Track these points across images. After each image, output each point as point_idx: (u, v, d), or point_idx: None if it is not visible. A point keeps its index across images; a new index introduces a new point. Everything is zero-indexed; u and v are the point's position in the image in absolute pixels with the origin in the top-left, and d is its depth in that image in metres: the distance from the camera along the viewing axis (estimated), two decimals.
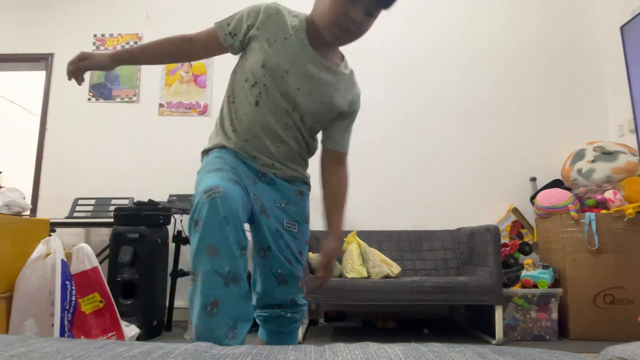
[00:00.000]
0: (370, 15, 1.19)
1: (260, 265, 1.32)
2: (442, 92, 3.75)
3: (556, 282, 2.86)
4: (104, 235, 3.66)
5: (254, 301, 1.36)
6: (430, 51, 3.82)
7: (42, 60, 4.01)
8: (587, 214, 2.82)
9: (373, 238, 3.29)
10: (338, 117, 1.40)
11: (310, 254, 2.90)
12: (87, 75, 3.94)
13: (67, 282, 2.15)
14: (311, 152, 1.46)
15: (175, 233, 3.16)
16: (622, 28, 3.37)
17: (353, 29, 1.20)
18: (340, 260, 3.04)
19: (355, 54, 1.97)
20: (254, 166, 1.30)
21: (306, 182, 1.45)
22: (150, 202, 3.02)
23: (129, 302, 2.74)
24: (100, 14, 4.04)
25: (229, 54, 1.43)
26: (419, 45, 3.83)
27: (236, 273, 1.04)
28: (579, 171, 3.16)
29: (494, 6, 3.85)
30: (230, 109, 1.34)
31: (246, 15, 1.30)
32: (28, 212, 2.44)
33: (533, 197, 3.33)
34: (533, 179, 3.50)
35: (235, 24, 1.32)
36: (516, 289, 2.82)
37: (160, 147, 3.76)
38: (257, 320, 1.38)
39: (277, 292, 1.32)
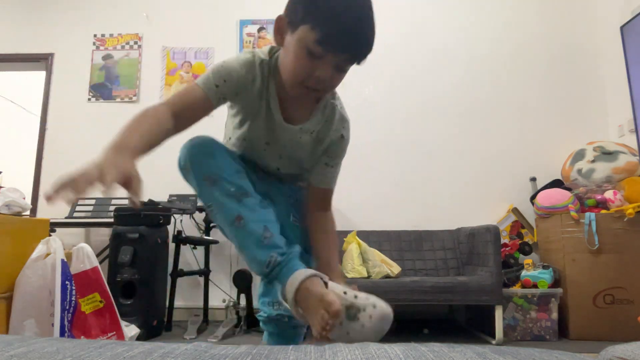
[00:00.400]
0: (341, 70, 1.06)
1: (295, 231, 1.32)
2: (442, 92, 3.75)
3: (556, 282, 2.86)
4: (103, 235, 3.66)
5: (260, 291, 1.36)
6: (430, 51, 3.81)
7: (42, 60, 4.01)
8: (587, 214, 2.82)
9: (373, 238, 3.29)
10: (324, 153, 1.30)
11: None
12: (87, 76, 3.94)
13: (67, 282, 2.15)
14: None
15: (175, 233, 3.16)
16: (622, 28, 3.37)
17: (321, 88, 1.08)
18: (340, 261, 3.04)
19: None
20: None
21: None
22: (150, 202, 3.02)
23: (129, 302, 2.74)
24: (100, 14, 4.04)
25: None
26: (419, 45, 3.83)
27: (243, 189, 1.11)
28: (579, 171, 3.16)
29: (494, 6, 3.85)
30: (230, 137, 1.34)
31: (228, 79, 1.13)
32: (28, 212, 2.44)
33: (533, 197, 3.32)
34: (533, 179, 3.50)
35: (224, 88, 1.13)
36: (516, 289, 2.82)
37: (160, 147, 3.76)
38: (259, 319, 1.38)
39: (290, 230, 1.28)
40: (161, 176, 3.70)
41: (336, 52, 0.99)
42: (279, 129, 1.21)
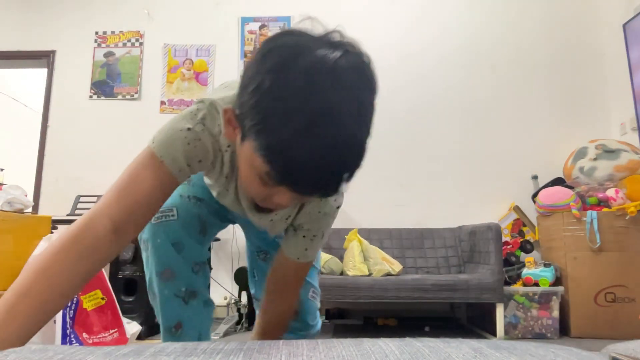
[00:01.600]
0: (303, 195, 0.76)
1: (262, 268, 1.21)
2: (444, 90, 3.74)
3: (557, 280, 2.85)
4: None
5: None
6: (431, 50, 3.80)
7: (43, 58, 4.01)
8: (589, 212, 2.81)
9: (374, 236, 3.28)
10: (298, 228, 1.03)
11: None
12: (89, 73, 3.94)
13: None
14: None
15: None
16: (624, 26, 3.35)
17: (278, 209, 0.85)
18: (341, 258, 3.04)
19: None
20: None
21: None
22: None
23: (130, 299, 2.74)
24: (101, 11, 4.04)
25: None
26: (420, 44, 3.81)
27: (193, 287, 1.04)
28: (581, 169, 3.15)
29: (496, 4, 3.84)
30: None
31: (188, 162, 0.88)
32: (30, 209, 2.45)
33: (535, 195, 3.31)
34: (535, 177, 3.49)
35: (186, 172, 0.90)
36: (517, 287, 2.81)
37: None
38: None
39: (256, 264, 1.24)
40: None
41: (294, 189, 0.70)
42: (249, 213, 0.98)
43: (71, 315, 2.15)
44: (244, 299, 3.18)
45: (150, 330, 2.76)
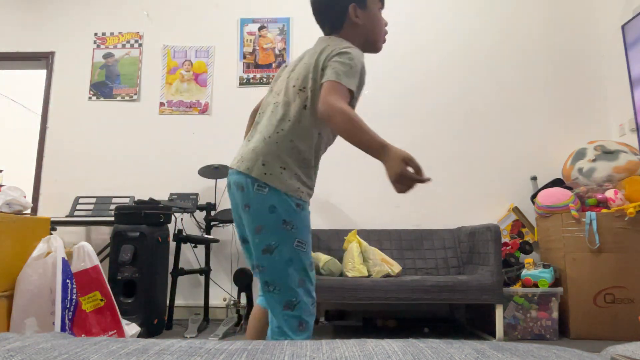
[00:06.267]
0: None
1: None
2: (443, 91, 3.75)
3: (557, 281, 2.86)
4: (104, 233, 3.66)
5: None
6: (431, 52, 3.81)
7: (43, 59, 4.01)
8: (588, 213, 2.82)
9: (373, 237, 3.29)
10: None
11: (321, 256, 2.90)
12: (88, 74, 3.94)
13: (67, 281, 2.15)
14: None
15: (176, 232, 3.16)
16: (623, 27, 3.37)
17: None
18: (341, 260, 3.04)
19: None
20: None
21: None
22: (151, 200, 3.02)
23: (129, 301, 2.74)
24: (101, 12, 4.04)
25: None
26: (421, 46, 3.82)
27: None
28: (580, 170, 3.16)
29: (496, 6, 3.84)
30: (319, 146, 1.41)
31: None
32: (29, 211, 2.44)
33: (534, 196, 3.32)
34: (534, 178, 3.50)
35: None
36: (517, 288, 2.82)
37: (161, 146, 3.77)
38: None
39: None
40: (162, 175, 3.72)
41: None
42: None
43: (70, 317, 2.15)
44: (243, 300, 3.18)
45: (149, 332, 2.76)
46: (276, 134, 1.32)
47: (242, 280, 3.01)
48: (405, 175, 1.21)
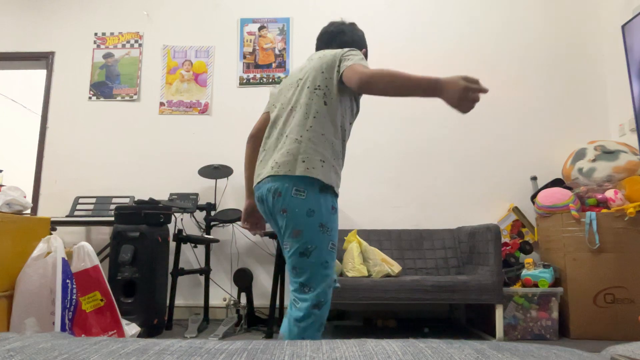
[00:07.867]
0: None
1: None
2: None
3: (557, 281, 2.86)
4: (104, 233, 3.66)
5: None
6: (430, 52, 3.81)
7: (42, 59, 4.01)
8: (588, 213, 2.82)
9: (373, 237, 3.29)
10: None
11: None
12: (88, 74, 3.94)
13: (67, 281, 2.15)
14: None
15: (176, 232, 3.16)
16: (623, 27, 3.36)
17: None
18: (341, 260, 3.04)
19: None
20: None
21: None
22: (151, 200, 3.02)
23: (129, 301, 2.74)
24: (101, 12, 4.04)
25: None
26: (419, 46, 3.82)
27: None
28: (580, 170, 3.16)
29: (496, 6, 3.85)
30: (344, 138, 1.49)
31: None
32: (29, 211, 2.44)
33: (534, 196, 3.32)
34: (534, 178, 3.50)
35: None
36: (517, 288, 2.82)
37: (161, 146, 3.77)
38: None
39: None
40: (162, 175, 3.72)
41: None
42: None
43: (70, 317, 2.15)
44: (243, 300, 3.17)
45: (149, 332, 2.76)
46: (306, 132, 1.38)
47: (242, 280, 3.01)
48: (471, 87, 1.22)
